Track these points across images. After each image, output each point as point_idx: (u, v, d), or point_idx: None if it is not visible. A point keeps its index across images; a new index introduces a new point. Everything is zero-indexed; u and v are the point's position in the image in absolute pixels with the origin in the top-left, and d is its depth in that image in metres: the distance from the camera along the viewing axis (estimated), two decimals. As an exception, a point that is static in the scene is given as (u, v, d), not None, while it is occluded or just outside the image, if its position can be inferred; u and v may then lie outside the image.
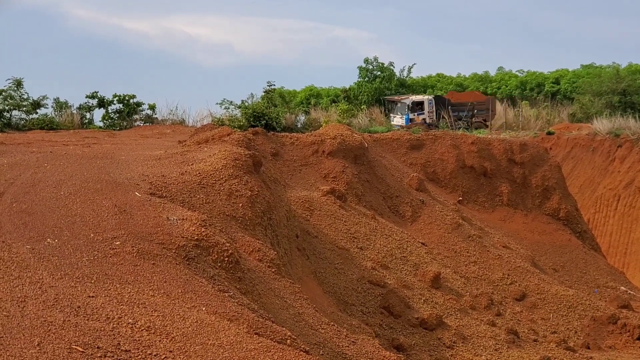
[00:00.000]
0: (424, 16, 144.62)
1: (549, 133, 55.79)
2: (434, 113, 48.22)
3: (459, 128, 44.83)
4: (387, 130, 41.84)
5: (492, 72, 76.10)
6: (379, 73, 55.56)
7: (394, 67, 56.61)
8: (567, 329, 26.35)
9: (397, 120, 47.96)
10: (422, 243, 27.54)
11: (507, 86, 72.23)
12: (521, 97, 68.69)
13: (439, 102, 49.11)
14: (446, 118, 47.07)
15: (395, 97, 50.66)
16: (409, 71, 58.16)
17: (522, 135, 47.29)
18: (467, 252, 28.49)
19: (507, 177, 35.59)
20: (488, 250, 29.14)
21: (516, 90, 71.68)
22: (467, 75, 75.57)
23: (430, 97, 49.32)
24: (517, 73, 76.67)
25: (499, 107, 55.00)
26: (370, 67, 56.10)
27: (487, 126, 48.17)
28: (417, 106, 47.99)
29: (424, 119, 47.25)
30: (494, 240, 30.68)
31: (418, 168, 33.41)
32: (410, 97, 49.22)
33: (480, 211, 33.94)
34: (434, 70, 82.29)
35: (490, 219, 33.52)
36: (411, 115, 47.31)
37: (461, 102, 50.05)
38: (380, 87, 54.04)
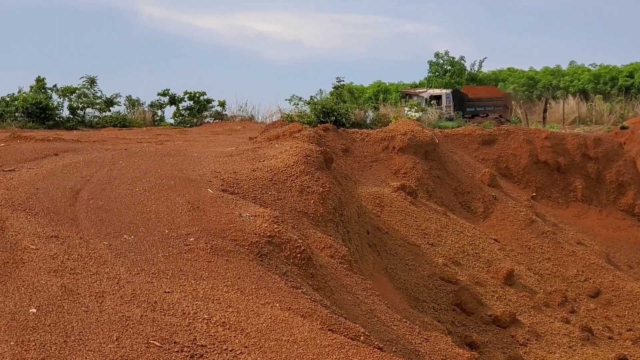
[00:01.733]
0: (496, 9, 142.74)
1: (623, 127, 54.64)
2: (452, 107, 47.07)
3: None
4: (457, 125, 41.50)
5: (564, 66, 74.86)
6: (450, 67, 55.12)
7: (464, 61, 56.12)
8: (643, 326, 25.85)
9: (413, 114, 46.84)
10: (494, 239, 27.28)
11: (579, 80, 71.02)
12: (594, 91, 67.47)
13: (457, 96, 47.96)
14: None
15: (412, 91, 49.39)
16: (480, 65, 57.67)
17: (596, 129, 46.46)
18: (541, 248, 28.13)
19: (581, 173, 35.03)
20: (562, 247, 28.73)
21: (589, 84, 70.43)
22: (538, 69, 74.49)
23: (448, 91, 47.96)
24: (589, 67, 75.33)
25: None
26: (441, 61, 55.70)
27: (502, 123, 47.02)
28: (435, 100, 46.88)
29: (441, 114, 46.18)
30: (568, 237, 30.24)
31: (490, 163, 33.07)
32: (428, 91, 47.97)
33: (553, 207, 33.47)
34: (505, 64, 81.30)
35: (564, 215, 33.03)
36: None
37: (478, 97, 48.83)
38: (450, 82, 53.59)
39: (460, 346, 17.85)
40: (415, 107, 46.21)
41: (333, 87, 48.60)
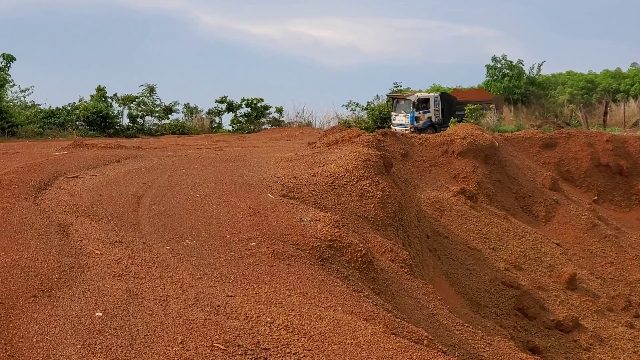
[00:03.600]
0: (554, 11, 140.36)
1: (687, 129, 53.61)
2: (440, 111, 45.36)
3: None
4: (516, 129, 41.04)
5: (625, 69, 73.68)
6: (508, 71, 54.47)
7: (523, 65, 55.43)
8: None
9: (400, 119, 45.02)
10: (556, 243, 26.93)
11: (641, 83, 69.77)
12: (656, 94, 66.20)
13: (445, 100, 46.26)
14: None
15: (399, 95, 47.41)
16: (539, 69, 56.78)
17: (658, 132, 45.54)
18: (604, 252, 27.69)
19: (644, 175, 34.39)
20: (625, 251, 28.26)
21: (651, 86, 69.17)
22: (598, 72, 73.44)
23: (436, 95, 45.70)
24: (652, 68, 74.00)
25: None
26: (499, 65, 55.08)
27: None
28: (423, 104, 45.05)
29: (429, 118, 44.52)
30: (631, 241, 29.72)
31: (551, 167, 32.65)
32: (416, 94, 45.98)
33: (616, 211, 32.90)
34: (564, 68, 79.83)
35: (626, 219, 32.45)
36: (416, 114, 44.40)
37: (468, 101, 47.07)
38: (509, 86, 52.97)
39: (523, 351, 17.65)
40: (403, 113, 44.43)
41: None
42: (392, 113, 45.37)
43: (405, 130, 42.25)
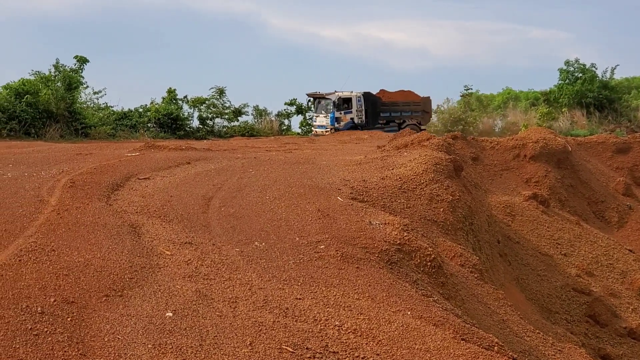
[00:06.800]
0: (628, 14, 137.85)
1: None
2: (363, 112, 43.05)
3: (390, 131, 39.81)
4: (589, 133, 40.42)
5: (702, 71, 71.92)
6: (581, 75, 53.69)
7: (596, 68, 54.59)
8: None
9: (321, 119, 42.87)
10: (629, 250, 26.41)
11: None
12: None
13: (369, 100, 43.94)
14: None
15: (319, 94, 44.49)
16: (612, 72, 55.86)
17: None
18: (678, 260, 27.08)
19: None
20: (701, 259, 27.58)
21: None
22: (674, 76, 71.91)
23: (359, 94, 43.53)
24: None
25: None
26: (571, 69, 54.33)
27: (420, 130, 43.42)
28: (344, 104, 42.80)
29: (351, 119, 42.42)
30: None
31: (624, 172, 32.03)
32: (337, 94, 43.34)
33: (692, 217, 32.20)
34: (639, 71, 78.87)
35: (703, 226, 31.72)
36: (337, 114, 42.36)
37: (393, 102, 44.73)
38: (581, 90, 52.20)
39: (594, 358, 17.36)
40: (324, 114, 42.69)
41: (461, 96, 48.24)
42: (313, 114, 43.77)
43: (326, 131, 41.02)
